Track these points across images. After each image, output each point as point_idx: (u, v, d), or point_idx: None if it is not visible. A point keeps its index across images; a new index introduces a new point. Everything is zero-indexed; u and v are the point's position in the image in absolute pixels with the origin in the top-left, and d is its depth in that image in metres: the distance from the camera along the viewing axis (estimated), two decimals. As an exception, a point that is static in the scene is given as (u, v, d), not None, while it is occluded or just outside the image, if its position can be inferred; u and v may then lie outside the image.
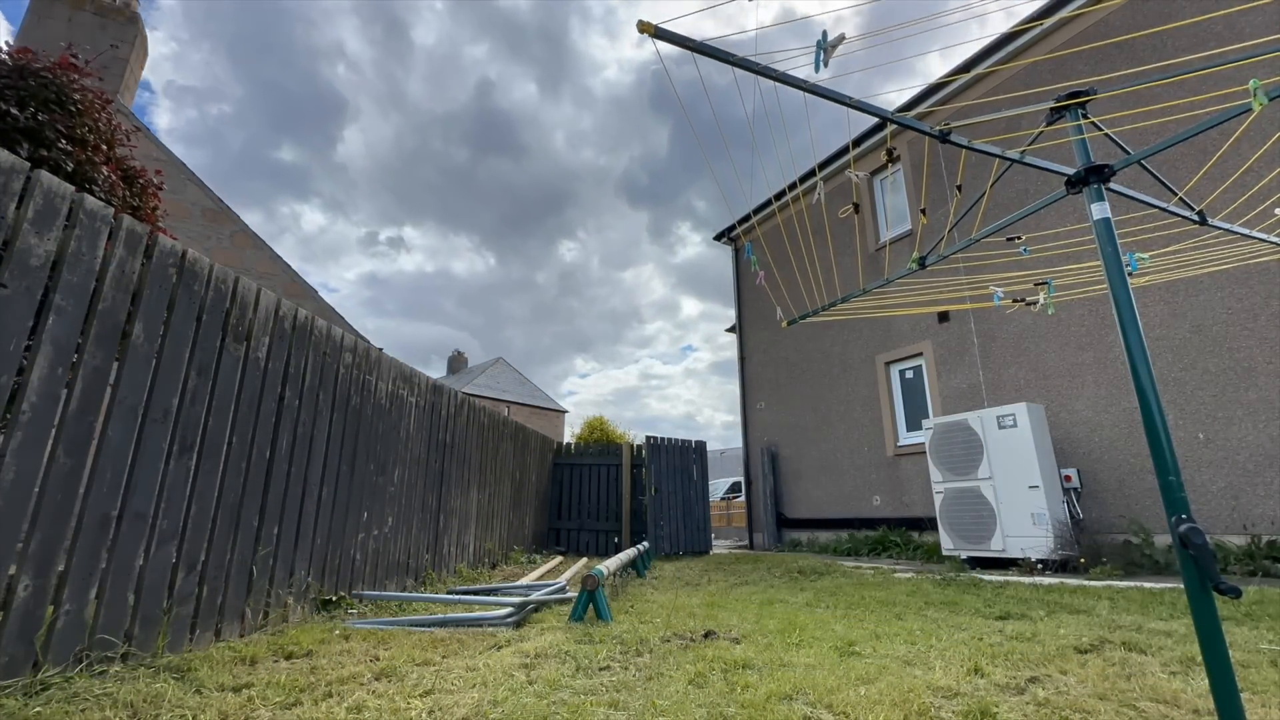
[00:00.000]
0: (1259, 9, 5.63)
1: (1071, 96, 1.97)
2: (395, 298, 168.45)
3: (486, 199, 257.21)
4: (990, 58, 8.10)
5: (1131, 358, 1.62)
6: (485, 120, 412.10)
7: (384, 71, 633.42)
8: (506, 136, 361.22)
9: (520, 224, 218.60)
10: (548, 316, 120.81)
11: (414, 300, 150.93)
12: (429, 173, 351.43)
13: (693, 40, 1.90)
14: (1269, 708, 1.86)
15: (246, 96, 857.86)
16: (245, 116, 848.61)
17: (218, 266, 2.76)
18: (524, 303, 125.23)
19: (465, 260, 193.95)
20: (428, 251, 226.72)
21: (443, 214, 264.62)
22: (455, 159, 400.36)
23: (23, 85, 2.79)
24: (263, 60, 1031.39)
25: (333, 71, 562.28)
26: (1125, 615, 3.27)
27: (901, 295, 7.01)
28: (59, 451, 2.04)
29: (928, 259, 3.04)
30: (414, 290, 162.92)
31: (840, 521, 9.49)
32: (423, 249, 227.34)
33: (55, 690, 1.82)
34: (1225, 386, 5.65)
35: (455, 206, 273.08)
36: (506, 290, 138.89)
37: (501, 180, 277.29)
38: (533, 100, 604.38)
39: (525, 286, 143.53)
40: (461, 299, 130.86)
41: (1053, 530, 5.74)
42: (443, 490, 5.25)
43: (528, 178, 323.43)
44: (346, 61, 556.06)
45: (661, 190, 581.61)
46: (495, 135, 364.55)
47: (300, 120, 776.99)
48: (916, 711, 1.82)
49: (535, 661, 2.38)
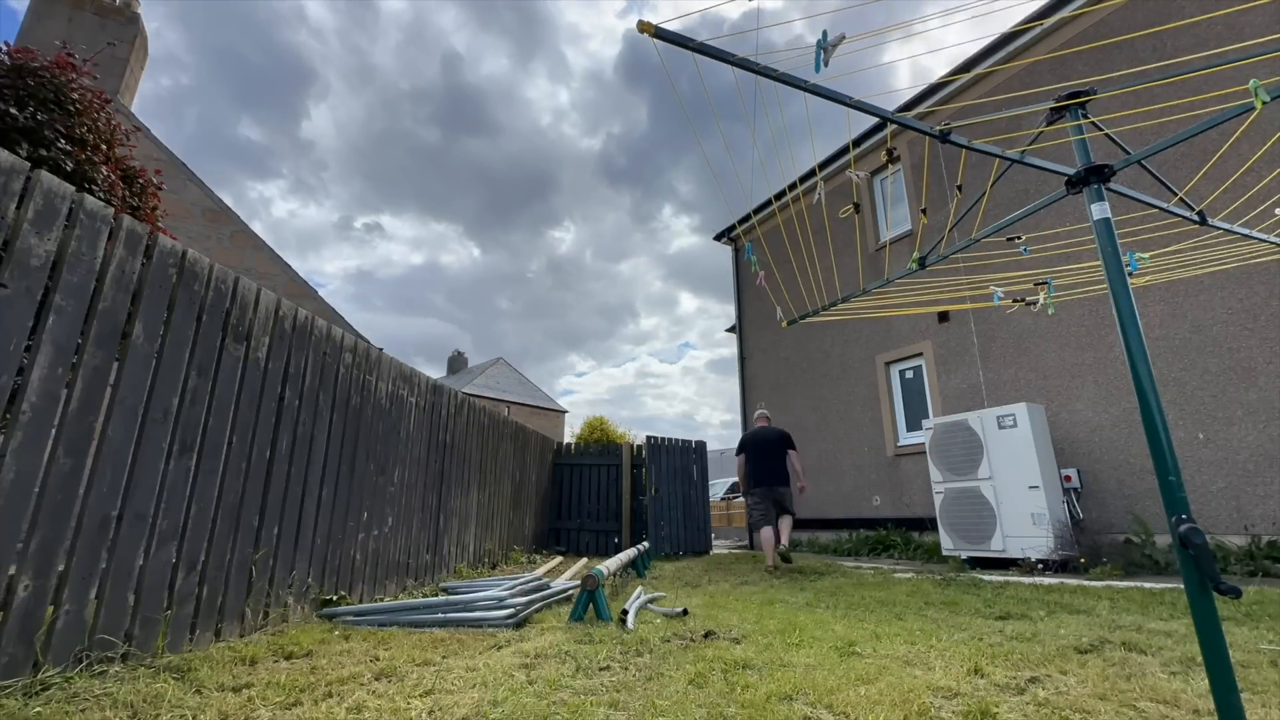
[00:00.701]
0: (1259, 9, 5.63)
1: (1071, 96, 1.97)
2: (381, 292, 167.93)
3: (465, 184, 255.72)
4: (990, 58, 8.10)
5: (1131, 358, 1.62)
6: (456, 97, 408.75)
7: (350, 42, 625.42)
8: (479, 114, 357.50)
9: (503, 212, 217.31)
10: (540, 311, 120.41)
11: (400, 294, 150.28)
12: (401, 155, 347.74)
13: (692, 40, 1.90)
14: (1269, 708, 1.86)
15: (202, 67, 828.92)
16: (202, 89, 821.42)
17: (218, 266, 2.76)
18: (515, 296, 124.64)
19: (451, 252, 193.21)
20: (412, 243, 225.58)
21: (421, 200, 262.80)
22: (427, 140, 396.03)
23: (21, 85, 2.79)
24: (220, 27, 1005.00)
25: (295, 38, 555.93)
26: (1125, 615, 3.27)
27: (901, 295, 7.01)
28: (59, 452, 2.03)
29: (928, 259, 3.04)
30: (401, 284, 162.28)
31: (840, 521, 9.49)
32: (405, 240, 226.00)
33: (55, 690, 1.82)
34: (1225, 386, 5.65)
35: (433, 191, 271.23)
36: (496, 284, 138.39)
37: (478, 163, 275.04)
38: (505, 74, 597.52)
39: (515, 280, 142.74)
40: (451, 293, 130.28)
41: (1053, 530, 5.74)
42: (443, 490, 5.25)
43: (504, 159, 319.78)
44: (309, 28, 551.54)
45: (644, 171, 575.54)
46: (467, 113, 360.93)
47: (262, 93, 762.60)
48: (916, 711, 1.82)
49: (535, 661, 2.38)
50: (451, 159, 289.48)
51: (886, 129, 9.34)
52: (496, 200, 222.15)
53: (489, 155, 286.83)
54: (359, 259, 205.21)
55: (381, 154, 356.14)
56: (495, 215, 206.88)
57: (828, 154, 10.42)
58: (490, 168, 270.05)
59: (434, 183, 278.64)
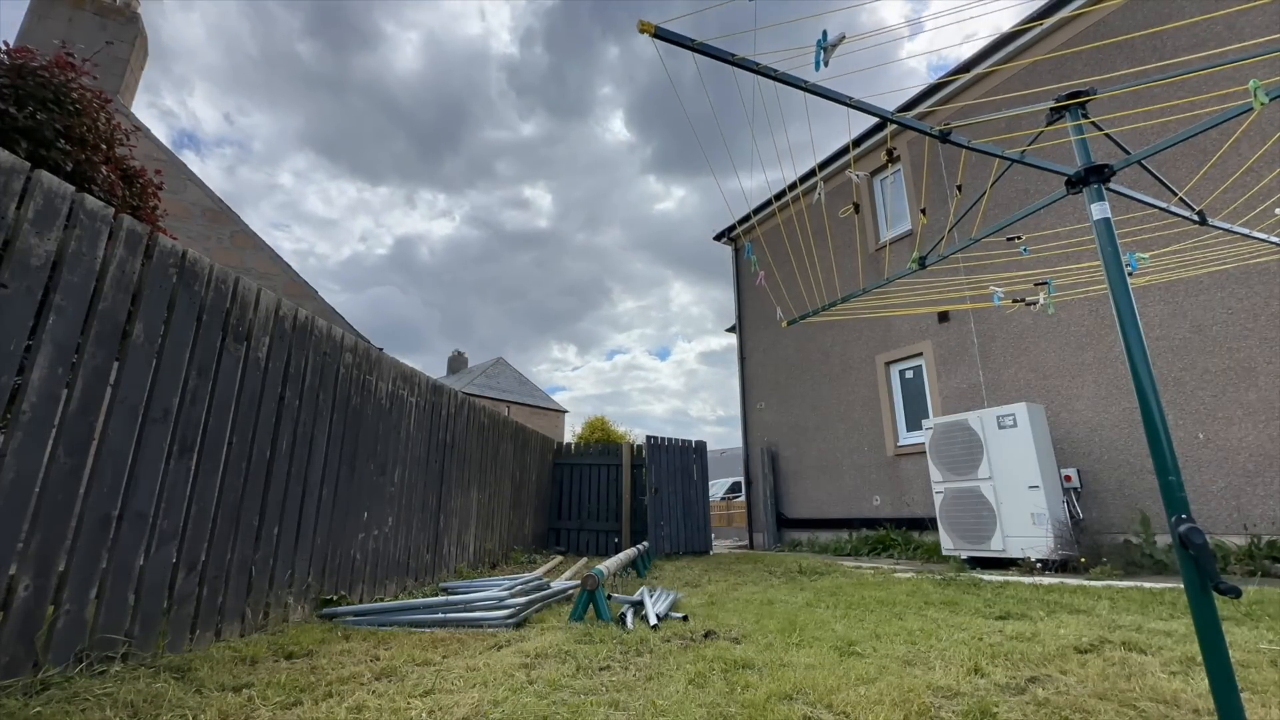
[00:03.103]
0: (1259, 9, 5.63)
1: (1071, 96, 1.97)
2: (329, 276, 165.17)
3: (376, 127, 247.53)
4: (990, 58, 8.10)
5: (1131, 358, 1.62)
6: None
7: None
8: (361, 24, 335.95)
9: (429, 155, 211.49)
10: (513, 296, 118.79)
11: (349, 277, 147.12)
12: (293, 79, 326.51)
13: (692, 40, 1.89)
14: (1269, 708, 1.86)
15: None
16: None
17: (218, 266, 2.76)
18: (490, 283, 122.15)
19: (399, 220, 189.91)
20: (347, 208, 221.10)
21: (329, 149, 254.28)
22: (318, 65, 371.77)
23: (21, 84, 2.78)
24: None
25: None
26: (1125, 615, 3.27)
27: (901, 295, 7.02)
28: (59, 451, 2.04)
29: (928, 259, 3.04)
30: (347, 266, 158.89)
31: (840, 521, 9.49)
32: (340, 205, 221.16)
33: (55, 690, 1.82)
34: (1225, 386, 5.65)
35: (342, 143, 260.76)
36: (463, 265, 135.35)
37: (380, 93, 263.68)
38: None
39: (488, 259, 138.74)
40: (410, 274, 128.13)
41: (1053, 530, 5.74)
42: (443, 490, 5.25)
43: (407, 89, 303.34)
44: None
45: (567, 67, 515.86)
46: (347, 24, 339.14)
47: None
48: (917, 711, 1.82)
49: (535, 661, 2.38)
50: (350, 86, 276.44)
51: (886, 129, 9.35)
52: (417, 144, 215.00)
53: (384, 75, 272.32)
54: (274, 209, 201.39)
55: (274, 71, 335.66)
56: (422, 164, 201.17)
57: (826, 154, 10.42)
58: (398, 102, 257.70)
59: (339, 122, 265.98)
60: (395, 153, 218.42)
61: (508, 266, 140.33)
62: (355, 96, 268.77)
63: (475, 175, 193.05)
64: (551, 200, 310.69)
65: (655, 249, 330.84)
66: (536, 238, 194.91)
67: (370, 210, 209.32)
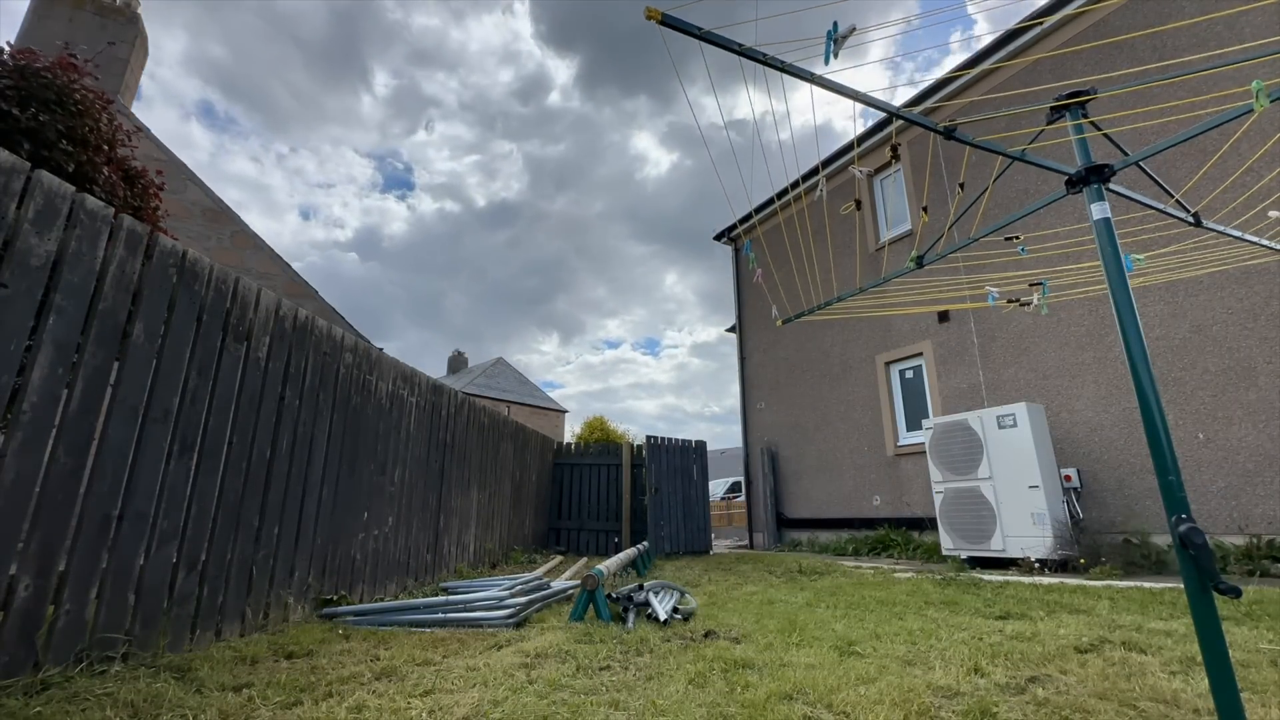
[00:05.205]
0: (1259, 9, 5.63)
1: (1072, 96, 1.97)
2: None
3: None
4: (991, 57, 8.10)
5: (1131, 358, 1.62)
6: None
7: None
8: None
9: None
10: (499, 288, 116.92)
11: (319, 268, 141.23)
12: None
13: (698, 28, 1.87)
14: (1269, 708, 1.86)
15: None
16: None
17: (218, 266, 2.76)
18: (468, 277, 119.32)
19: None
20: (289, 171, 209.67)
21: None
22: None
23: (24, 86, 2.79)
24: None
25: None
26: (1125, 615, 3.28)
27: (901, 295, 7.02)
28: (59, 451, 2.04)
29: (925, 258, 3.04)
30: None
31: (840, 521, 9.49)
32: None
33: (56, 690, 1.82)
34: (1225, 386, 5.65)
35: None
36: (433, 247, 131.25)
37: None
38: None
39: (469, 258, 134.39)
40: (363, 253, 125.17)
41: (1053, 530, 5.73)
42: (443, 490, 5.25)
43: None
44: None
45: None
46: None
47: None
48: (917, 711, 1.82)
49: (535, 661, 2.38)
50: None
51: (891, 125, 9.35)
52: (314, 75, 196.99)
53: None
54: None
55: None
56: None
57: (829, 152, 10.42)
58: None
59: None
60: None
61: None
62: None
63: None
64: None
65: (635, 216, 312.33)
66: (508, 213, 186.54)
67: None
